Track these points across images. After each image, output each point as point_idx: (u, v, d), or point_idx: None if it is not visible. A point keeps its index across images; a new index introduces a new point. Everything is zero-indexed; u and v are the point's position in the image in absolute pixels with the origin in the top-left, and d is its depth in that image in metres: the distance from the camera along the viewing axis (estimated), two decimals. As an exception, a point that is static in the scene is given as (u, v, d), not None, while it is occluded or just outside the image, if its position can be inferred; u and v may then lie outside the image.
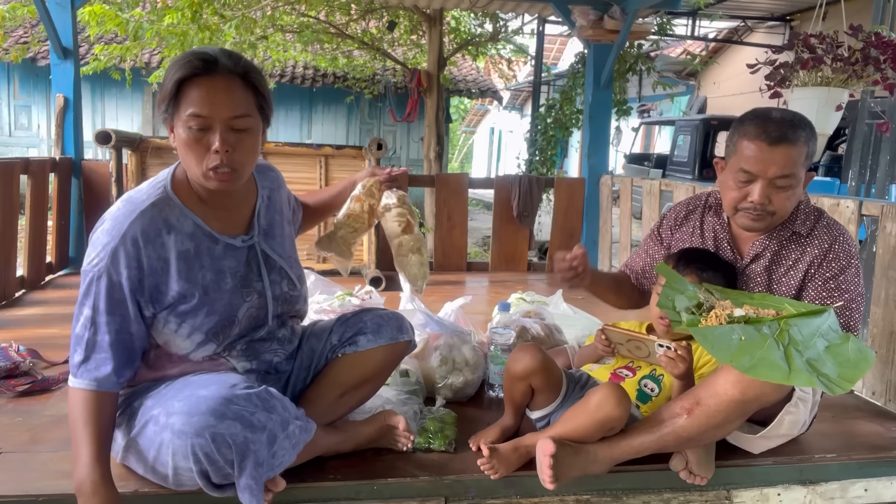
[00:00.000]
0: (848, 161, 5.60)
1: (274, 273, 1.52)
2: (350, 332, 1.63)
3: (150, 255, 1.33)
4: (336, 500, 1.46)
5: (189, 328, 1.39)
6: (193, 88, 1.29)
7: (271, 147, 3.92)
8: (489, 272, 4.33)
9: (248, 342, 1.49)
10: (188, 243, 1.38)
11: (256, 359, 1.51)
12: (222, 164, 1.31)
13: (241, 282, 1.45)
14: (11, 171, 3.15)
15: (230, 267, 1.44)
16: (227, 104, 1.30)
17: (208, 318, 1.39)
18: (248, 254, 1.47)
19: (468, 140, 24.96)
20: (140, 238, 1.32)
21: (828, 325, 1.45)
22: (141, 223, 1.33)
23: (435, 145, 8.15)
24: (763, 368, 1.33)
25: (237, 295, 1.44)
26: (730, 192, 1.65)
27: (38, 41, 7.41)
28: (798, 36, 2.48)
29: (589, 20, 4.27)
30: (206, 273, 1.40)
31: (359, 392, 1.64)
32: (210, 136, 1.30)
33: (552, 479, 1.41)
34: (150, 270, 1.34)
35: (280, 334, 1.56)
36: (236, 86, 1.31)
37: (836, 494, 1.72)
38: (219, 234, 1.43)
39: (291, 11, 7.53)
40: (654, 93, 9.81)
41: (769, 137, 1.55)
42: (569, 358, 2.01)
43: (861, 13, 5.82)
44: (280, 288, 1.52)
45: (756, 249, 1.71)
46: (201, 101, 1.29)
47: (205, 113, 1.29)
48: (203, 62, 1.29)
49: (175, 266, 1.36)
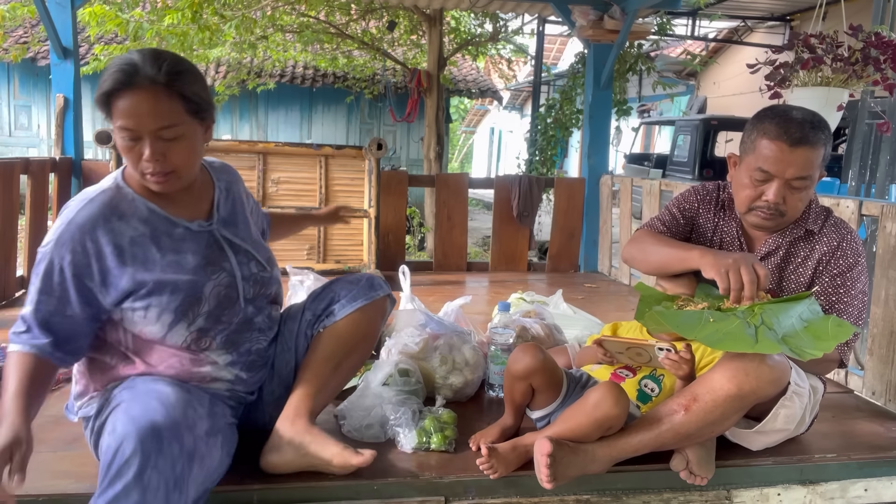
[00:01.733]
0: (848, 161, 5.60)
1: (241, 255, 1.54)
2: (323, 304, 1.64)
3: (98, 241, 1.35)
4: (336, 500, 1.46)
5: (157, 310, 1.39)
6: (119, 101, 1.30)
7: (271, 147, 3.92)
8: (489, 272, 4.33)
9: (228, 334, 1.49)
10: (142, 227, 1.40)
11: (237, 350, 1.51)
12: (157, 171, 1.35)
13: (205, 260, 1.46)
14: (11, 171, 3.15)
15: (192, 248, 1.45)
16: (151, 117, 1.30)
17: (174, 296, 1.40)
18: (208, 237, 1.49)
19: (468, 140, 24.96)
20: (87, 224, 1.35)
21: (807, 308, 1.46)
22: (89, 210, 1.36)
23: (435, 145, 8.15)
24: (729, 341, 1.36)
25: (201, 272, 1.45)
26: (744, 190, 1.64)
27: (38, 41, 7.41)
28: (798, 36, 2.48)
29: (589, 20, 4.27)
30: (167, 254, 1.41)
31: (353, 357, 1.65)
32: (141, 145, 1.32)
33: (550, 479, 1.41)
34: (98, 255, 1.35)
35: (258, 321, 1.56)
36: (160, 96, 1.31)
37: (836, 494, 1.72)
38: (176, 218, 1.45)
39: (291, 11, 7.53)
40: (654, 93, 9.82)
41: (790, 139, 1.54)
42: (569, 357, 2.01)
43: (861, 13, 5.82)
44: (248, 269, 1.54)
45: (768, 247, 1.71)
46: (126, 115, 1.30)
47: (131, 126, 1.31)
48: (124, 74, 1.29)
49: (129, 251, 1.38)
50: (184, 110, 1.34)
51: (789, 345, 1.36)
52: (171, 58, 1.35)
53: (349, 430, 1.69)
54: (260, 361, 1.58)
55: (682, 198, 1.87)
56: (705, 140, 9.06)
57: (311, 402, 1.54)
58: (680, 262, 1.62)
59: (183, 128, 1.35)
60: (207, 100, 1.40)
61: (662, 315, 1.45)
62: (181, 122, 1.34)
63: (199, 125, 1.40)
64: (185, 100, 1.34)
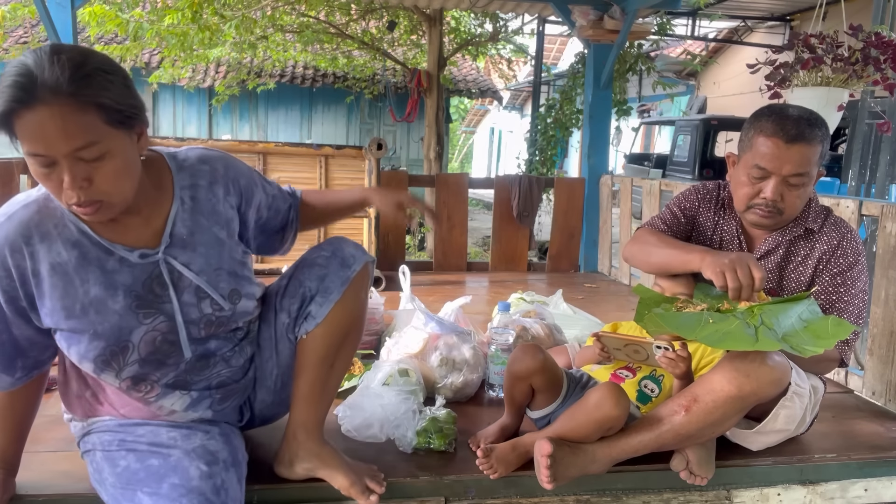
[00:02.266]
0: (848, 161, 5.60)
1: (188, 293, 1.28)
2: (296, 303, 1.42)
3: (20, 266, 1.17)
4: (336, 500, 1.46)
5: (76, 354, 1.22)
6: (20, 123, 1.03)
7: (271, 147, 3.93)
8: (489, 272, 4.33)
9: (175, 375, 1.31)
10: (67, 253, 1.18)
11: (194, 388, 1.33)
12: (83, 201, 1.09)
13: (137, 301, 1.22)
14: (11, 171, 3.15)
15: (124, 283, 1.22)
16: (62, 137, 1.03)
17: (93, 345, 1.20)
18: (150, 270, 1.24)
19: (468, 140, 24.95)
20: (6, 246, 1.16)
21: (806, 309, 1.46)
22: (7, 229, 1.16)
23: (435, 145, 8.15)
24: (729, 340, 1.35)
25: (130, 317, 1.22)
26: (742, 188, 1.65)
27: (38, 41, 7.41)
28: (798, 36, 2.48)
29: (589, 20, 4.27)
30: (91, 288, 1.19)
31: (347, 347, 1.47)
32: (58, 170, 1.07)
33: (550, 480, 1.41)
34: (22, 281, 1.17)
35: (221, 353, 1.36)
36: (68, 111, 1.03)
37: (836, 494, 1.72)
38: (111, 244, 1.21)
39: (291, 11, 7.53)
40: (654, 93, 9.81)
41: (786, 135, 1.55)
42: (569, 357, 2.01)
43: (861, 13, 5.82)
44: (198, 310, 1.29)
45: (768, 245, 1.72)
46: (32, 139, 1.04)
47: (40, 151, 1.05)
48: (19, 89, 1.01)
49: (48, 281, 1.17)
50: (102, 122, 1.07)
51: (790, 343, 1.36)
52: (73, 56, 1.05)
53: (349, 430, 1.69)
54: (234, 387, 1.41)
55: (682, 197, 1.88)
56: (705, 140, 9.07)
57: (315, 413, 1.45)
58: (682, 264, 1.62)
59: (105, 144, 1.08)
60: (131, 102, 1.12)
61: (662, 317, 1.45)
62: (101, 137, 1.07)
63: (127, 135, 1.12)
64: (101, 109, 1.06)
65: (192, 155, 1.34)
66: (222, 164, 1.37)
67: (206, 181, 1.33)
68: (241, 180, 1.39)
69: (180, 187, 1.30)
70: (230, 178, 1.37)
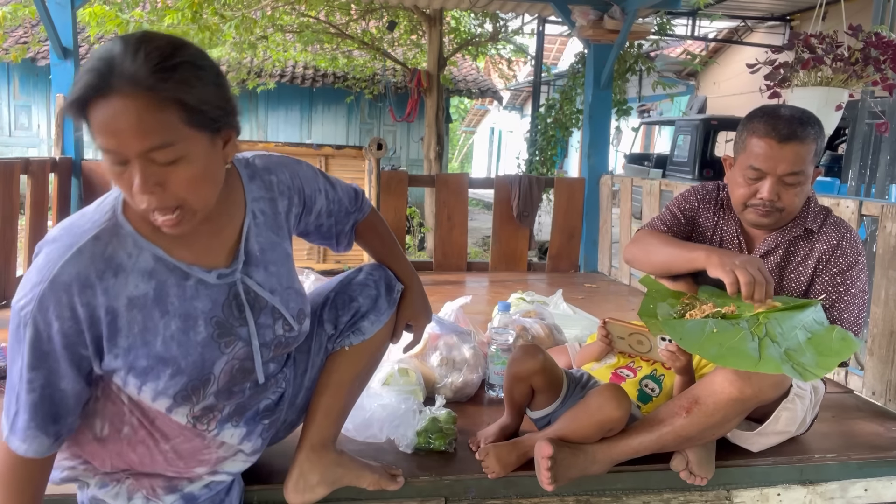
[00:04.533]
0: (848, 161, 5.60)
1: (264, 315, 1.21)
2: (346, 315, 1.40)
3: (91, 304, 1.04)
4: (336, 500, 1.46)
5: (151, 392, 1.11)
6: (93, 112, 0.94)
7: (272, 147, 3.92)
8: (489, 272, 4.33)
9: (238, 403, 1.23)
10: (145, 285, 1.08)
11: (245, 416, 1.27)
12: (158, 207, 1.00)
13: (218, 329, 1.14)
14: (11, 171, 3.15)
15: (204, 310, 1.13)
16: (134, 135, 0.94)
17: (174, 381, 1.11)
18: (228, 292, 1.16)
19: (468, 140, 24.96)
20: (75, 285, 1.03)
21: (812, 318, 1.46)
22: (77, 265, 1.03)
23: (435, 145, 8.15)
24: (732, 357, 1.34)
25: (212, 347, 1.14)
26: (739, 189, 1.66)
27: (38, 41, 7.40)
28: (798, 36, 2.48)
29: (589, 20, 4.27)
30: (171, 321, 1.10)
31: (374, 368, 1.52)
32: (130, 171, 0.97)
33: (550, 481, 1.41)
34: (91, 322, 1.05)
35: (277, 374, 1.32)
36: (144, 107, 0.93)
37: (836, 494, 1.72)
38: (189, 267, 1.12)
39: (291, 11, 7.54)
40: (654, 93, 9.81)
41: (779, 135, 1.56)
42: (569, 357, 2.01)
43: (861, 13, 5.82)
44: (272, 332, 1.23)
45: (767, 245, 1.72)
46: (103, 132, 0.94)
47: (111, 147, 0.95)
48: (96, 75, 0.93)
49: (126, 317, 1.07)
50: (182, 122, 0.96)
51: (792, 361, 1.35)
52: (161, 46, 0.95)
53: (348, 430, 1.69)
54: (277, 411, 1.36)
55: (682, 197, 1.88)
56: (705, 140, 9.07)
57: (338, 429, 1.44)
58: (685, 263, 1.61)
59: (183, 146, 0.97)
60: (220, 103, 1.01)
61: (665, 325, 1.44)
62: (179, 138, 0.96)
63: (210, 139, 1.01)
64: (182, 107, 0.95)
65: (259, 164, 1.25)
66: (289, 172, 1.29)
67: (276, 192, 1.25)
68: (305, 189, 1.32)
69: (252, 199, 1.20)
70: (296, 187, 1.30)
